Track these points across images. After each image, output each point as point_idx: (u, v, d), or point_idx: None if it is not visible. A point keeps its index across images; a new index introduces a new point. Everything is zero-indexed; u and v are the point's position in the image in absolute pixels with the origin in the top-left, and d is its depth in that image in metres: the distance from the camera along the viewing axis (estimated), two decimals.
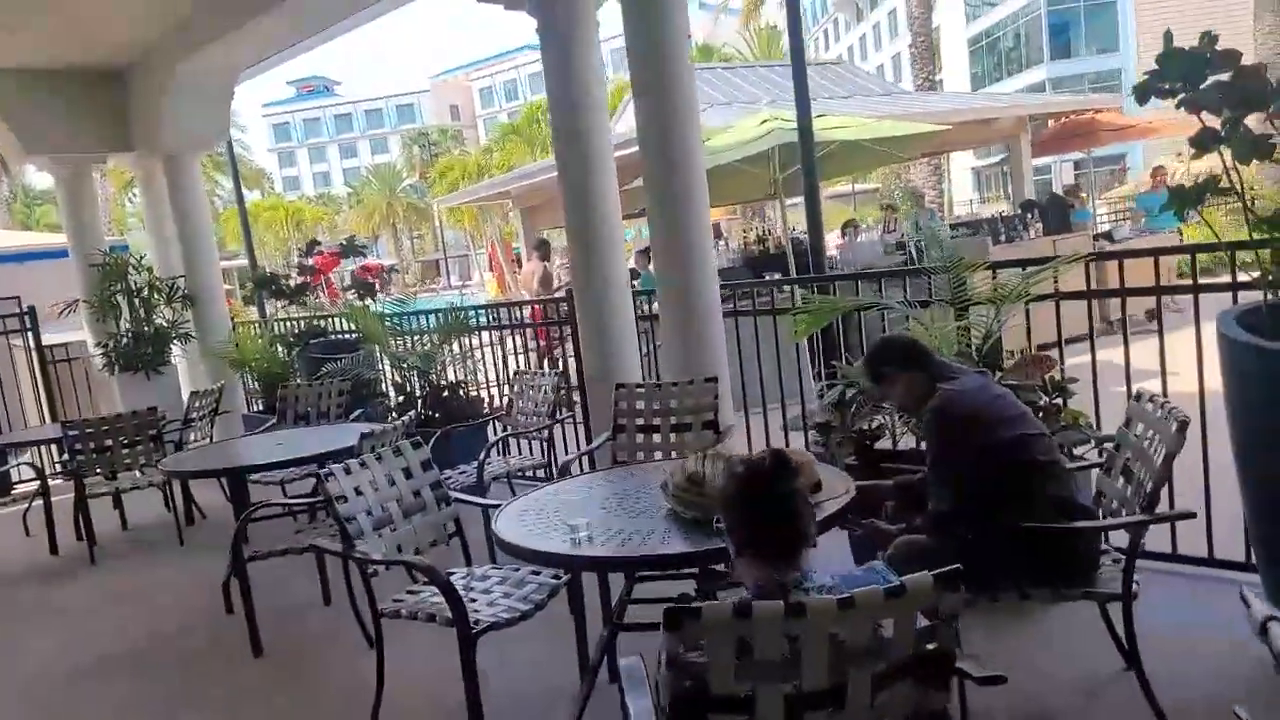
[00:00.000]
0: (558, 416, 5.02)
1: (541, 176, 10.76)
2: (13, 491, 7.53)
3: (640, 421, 4.19)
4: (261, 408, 8.51)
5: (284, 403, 6.20)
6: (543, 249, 10.21)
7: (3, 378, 8.53)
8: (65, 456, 5.89)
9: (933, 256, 4.19)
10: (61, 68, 8.09)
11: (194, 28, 7.26)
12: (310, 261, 7.30)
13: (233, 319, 8.91)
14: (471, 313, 6.43)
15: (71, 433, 5.66)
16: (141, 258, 8.40)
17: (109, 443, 5.77)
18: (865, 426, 3.68)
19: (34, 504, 6.30)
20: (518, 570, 3.18)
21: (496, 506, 3.04)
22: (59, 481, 6.53)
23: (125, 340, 8.07)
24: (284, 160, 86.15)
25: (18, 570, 5.84)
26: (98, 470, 5.81)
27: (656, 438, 4.16)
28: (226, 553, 4.77)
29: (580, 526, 2.46)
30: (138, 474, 5.97)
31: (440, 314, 6.42)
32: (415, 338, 6.51)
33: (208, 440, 6.91)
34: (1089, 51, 34.08)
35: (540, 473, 5.11)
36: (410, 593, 3.18)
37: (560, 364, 8.02)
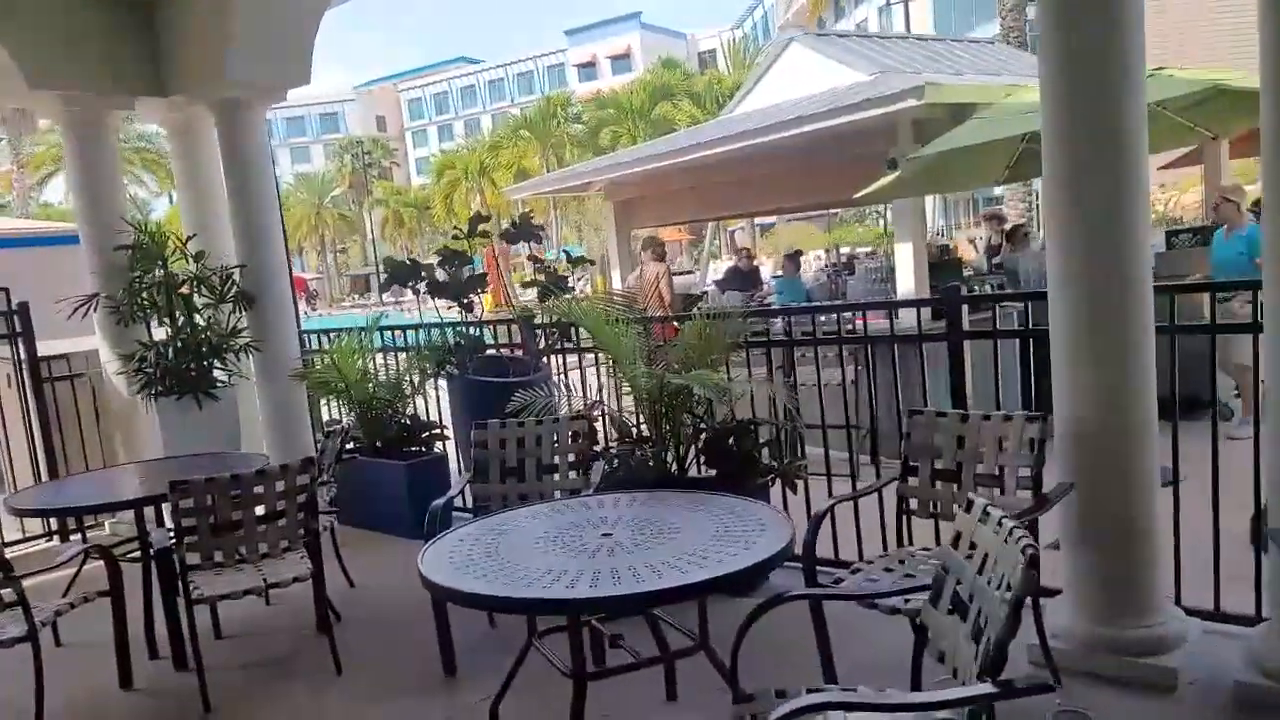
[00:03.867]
0: (1043, 489, 3.12)
1: (649, 164, 8.87)
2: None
3: None
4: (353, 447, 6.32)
5: (483, 449, 4.13)
6: (659, 248, 8.33)
7: None
8: (166, 533, 3.69)
9: None
10: None
11: None
12: (460, 248, 5.16)
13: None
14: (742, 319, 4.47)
15: (183, 500, 3.47)
16: (190, 238, 6.14)
17: (236, 515, 3.60)
18: None
19: (71, 601, 4.00)
20: None
21: None
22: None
23: (170, 352, 5.80)
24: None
25: None
26: (215, 557, 3.63)
27: None
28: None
29: None
30: (261, 565, 3.83)
31: (710, 317, 4.43)
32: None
33: (329, 499, 4.79)
34: None
35: None
36: None
37: None
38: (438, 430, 6.00)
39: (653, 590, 2.32)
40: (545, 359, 5.13)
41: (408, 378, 5.85)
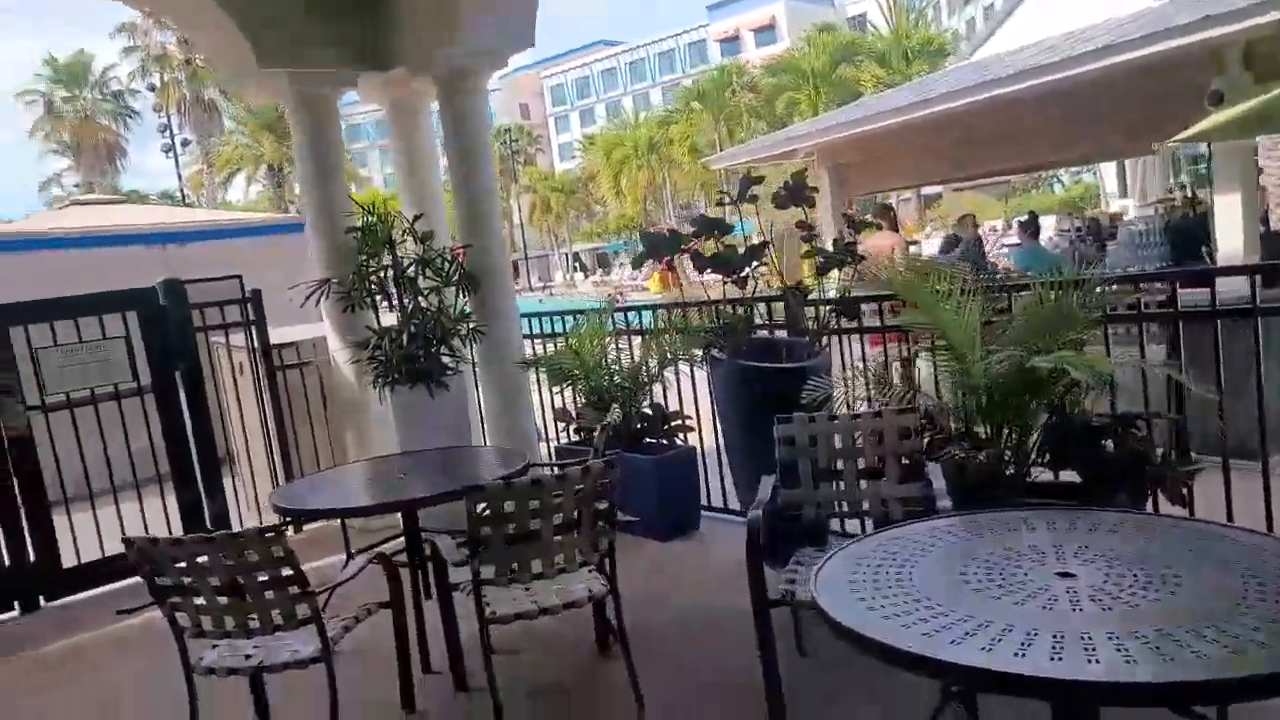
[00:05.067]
0: None
1: (872, 124, 8.07)
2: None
3: None
4: (573, 438, 5.94)
5: (790, 447, 3.53)
6: (889, 215, 7.51)
7: (207, 393, 6.11)
8: (452, 542, 3.30)
9: None
10: None
11: None
12: (721, 216, 4.55)
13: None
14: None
15: (479, 506, 3.03)
16: (417, 218, 5.84)
17: (535, 525, 3.14)
18: None
19: (356, 615, 3.64)
20: None
21: None
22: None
23: (404, 339, 5.52)
24: (355, 161, 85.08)
25: None
26: (511, 571, 3.19)
27: None
28: None
29: None
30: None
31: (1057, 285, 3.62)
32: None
33: None
34: None
35: None
36: None
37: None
38: (678, 422, 5.50)
39: (1226, 680, 1.63)
40: (822, 341, 4.49)
41: (648, 363, 5.36)
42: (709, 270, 4.46)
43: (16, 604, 5.25)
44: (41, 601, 5.31)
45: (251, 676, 3.22)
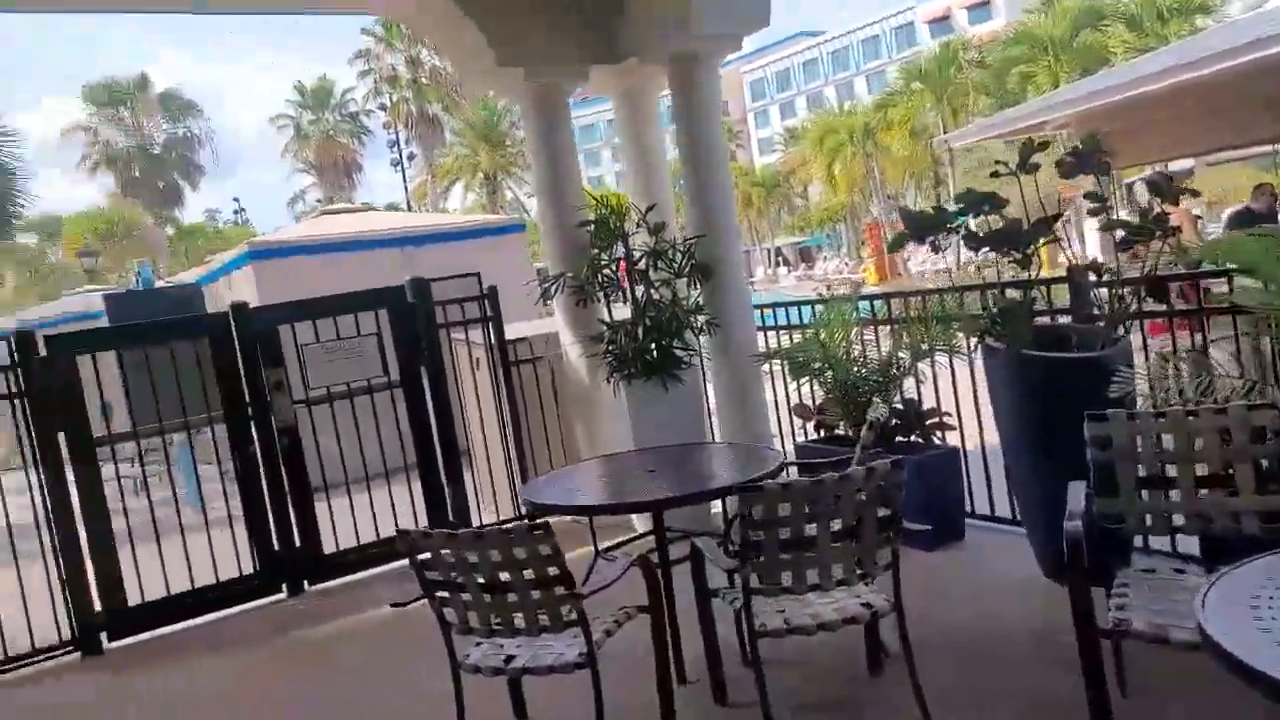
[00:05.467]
0: None
1: (1143, 87, 7.12)
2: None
3: None
4: (811, 435, 5.61)
5: (1105, 450, 2.99)
6: (1175, 190, 6.52)
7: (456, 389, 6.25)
8: (711, 543, 3.07)
9: None
10: None
11: None
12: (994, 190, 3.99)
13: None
14: None
15: (754, 509, 2.76)
16: (650, 208, 5.70)
17: (810, 531, 2.83)
18: None
19: (616, 619, 3.44)
20: None
21: None
22: None
23: (640, 332, 5.39)
24: None
25: None
26: (783, 580, 2.90)
27: None
28: None
29: None
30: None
31: None
32: None
33: None
34: None
35: None
36: None
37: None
38: (935, 419, 5.01)
39: None
40: (1120, 328, 3.87)
41: (899, 355, 4.92)
42: (985, 249, 3.96)
43: (285, 586, 5.58)
44: (305, 585, 5.61)
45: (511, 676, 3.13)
